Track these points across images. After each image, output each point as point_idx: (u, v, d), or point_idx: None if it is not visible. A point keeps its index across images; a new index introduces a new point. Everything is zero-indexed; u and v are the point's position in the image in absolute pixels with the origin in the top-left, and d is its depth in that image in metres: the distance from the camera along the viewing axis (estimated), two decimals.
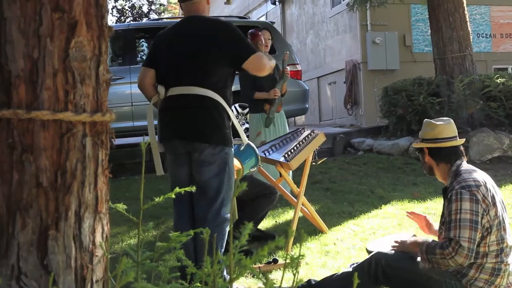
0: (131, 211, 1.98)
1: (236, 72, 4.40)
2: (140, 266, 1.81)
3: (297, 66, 10.64)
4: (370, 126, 12.92)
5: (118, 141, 9.71)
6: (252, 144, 4.83)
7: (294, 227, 5.47)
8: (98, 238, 1.92)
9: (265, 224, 6.28)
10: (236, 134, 4.40)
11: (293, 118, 15.90)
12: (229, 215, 4.26)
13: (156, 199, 1.85)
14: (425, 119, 3.89)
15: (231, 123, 4.29)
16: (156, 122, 4.32)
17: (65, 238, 1.86)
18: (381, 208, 6.85)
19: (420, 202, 7.03)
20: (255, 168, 4.96)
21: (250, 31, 6.52)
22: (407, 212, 4.24)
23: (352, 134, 11.95)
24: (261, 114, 6.96)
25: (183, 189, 1.99)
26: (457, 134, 3.75)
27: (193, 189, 2.17)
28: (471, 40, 11.15)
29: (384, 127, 11.87)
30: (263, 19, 19.09)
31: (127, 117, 9.60)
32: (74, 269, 1.86)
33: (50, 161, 1.87)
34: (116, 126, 9.04)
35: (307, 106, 10.92)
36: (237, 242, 1.64)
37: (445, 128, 3.71)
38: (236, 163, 4.55)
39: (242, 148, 4.66)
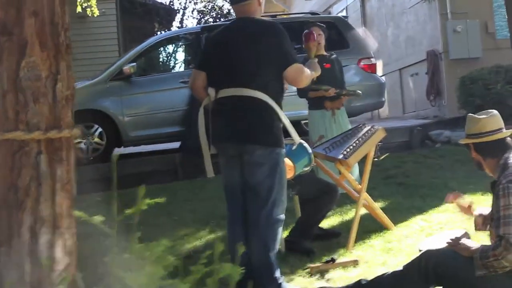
0: (200, 212, 1.99)
1: None
2: None
3: (371, 59, 10.48)
4: (451, 117, 12.54)
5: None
6: (305, 143, 4.81)
7: (356, 224, 5.41)
8: (59, 253, 1.93)
9: (331, 222, 6.26)
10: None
11: (377, 111, 15.69)
12: (282, 215, 4.28)
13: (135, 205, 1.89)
14: (468, 114, 3.79)
15: (282, 124, 4.31)
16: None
17: (18, 254, 1.87)
18: (452, 202, 6.66)
19: None
20: (309, 168, 4.95)
21: (304, 32, 6.41)
22: (448, 194, 4.13)
23: (430, 126, 11.58)
24: (322, 111, 6.91)
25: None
26: (503, 126, 3.62)
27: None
28: None
29: (463, 118, 11.47)
30: (343, 13, 18.93)
31: None
32: (29, 284, 1.88)
33: (1, 179, 1.90)
34: None
35: (383, 99, 10.74)
36: None
37: (488, 121, 3.59)
38: (289, 162, 4.57)
39: (294, 147, 4.66)
